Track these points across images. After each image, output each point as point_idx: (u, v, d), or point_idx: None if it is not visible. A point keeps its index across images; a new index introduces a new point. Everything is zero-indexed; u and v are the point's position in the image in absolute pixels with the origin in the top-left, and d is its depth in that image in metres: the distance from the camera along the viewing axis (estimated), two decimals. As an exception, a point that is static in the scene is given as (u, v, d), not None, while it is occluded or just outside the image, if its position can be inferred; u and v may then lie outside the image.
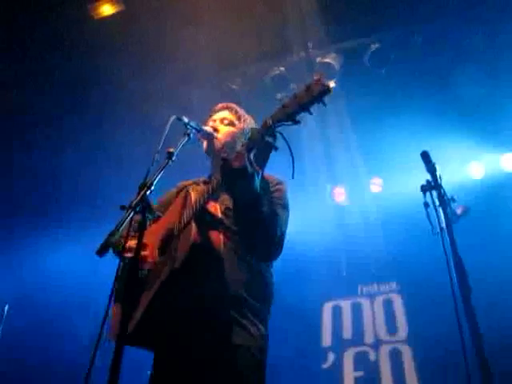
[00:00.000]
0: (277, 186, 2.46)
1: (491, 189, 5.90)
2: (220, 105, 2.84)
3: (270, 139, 1.98)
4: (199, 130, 2.55)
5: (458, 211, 2.40)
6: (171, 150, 2.30)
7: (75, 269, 6.68)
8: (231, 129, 2.69)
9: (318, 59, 5.85)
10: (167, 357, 2.30)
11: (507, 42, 5.35)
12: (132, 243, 2.20)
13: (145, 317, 2.25)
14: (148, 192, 2.10)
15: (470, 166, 6.17)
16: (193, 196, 2.35)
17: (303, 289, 6.10)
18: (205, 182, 2.66)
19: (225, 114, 2.76)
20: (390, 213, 6.12)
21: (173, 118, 2.45)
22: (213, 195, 2.22)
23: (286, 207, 2.43)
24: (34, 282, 6.61)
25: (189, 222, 2.25)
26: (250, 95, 6.03)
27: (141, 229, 2.07)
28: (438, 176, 2.29)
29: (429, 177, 2.33)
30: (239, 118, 2.75)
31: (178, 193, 2.70)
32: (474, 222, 4.39)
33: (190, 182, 2.81)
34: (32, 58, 5.74)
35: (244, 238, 2.31)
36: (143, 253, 2.37)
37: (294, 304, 5.68)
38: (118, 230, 1.90)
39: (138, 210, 2.02)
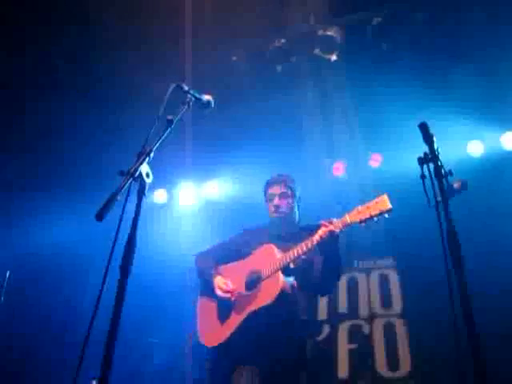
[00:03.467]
0: None
1: (491, 167, 5.88)
2: (275, 178, 3.68)
3: (344, 229, 3.22)
4: (199, 99, 2.55)
5: (456, 185, 2.41)
6: (170, 117, 2.30)
7: (75, 235, 6.69)
8: (289, 202, 3.61)
9: (320, 32, 5.80)
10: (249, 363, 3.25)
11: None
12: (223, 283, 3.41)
13: (234, 333, 3.26)
14: (147, 159, 2.12)
15: (469, 143, 6.14)
16: (277, 253, 3.33)
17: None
18: (268, 235, 3.61)
19: (281, 188, 3.61)
20: (389, 188, 6.08)
21: (173, 85, 2.45)
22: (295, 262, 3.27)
23: None
24: (35, 249, 6.62)
25: (276, 271, 3.22)
26: (251, 67, 5.98)
27: (139, 195, 2.10)
28: (436, 148, 2.29)
29: (427, 149, 2.32)
30: (292, 189, 3.64)
31: (246, 238, 3.67)
32: (473, 200, 4.42)
33: (255, 231, 3.72)
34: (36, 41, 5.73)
35: (317, 281, 3.41)
36: (232, 288, 3.40)
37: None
38: (117, 194, 1.93)
39: (136, 176, 2.04)
